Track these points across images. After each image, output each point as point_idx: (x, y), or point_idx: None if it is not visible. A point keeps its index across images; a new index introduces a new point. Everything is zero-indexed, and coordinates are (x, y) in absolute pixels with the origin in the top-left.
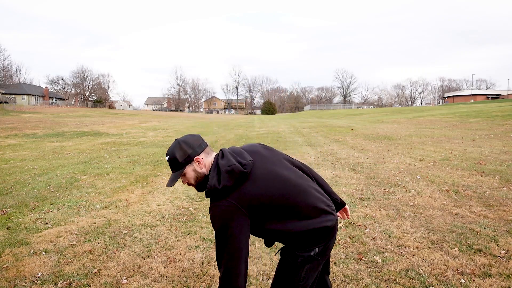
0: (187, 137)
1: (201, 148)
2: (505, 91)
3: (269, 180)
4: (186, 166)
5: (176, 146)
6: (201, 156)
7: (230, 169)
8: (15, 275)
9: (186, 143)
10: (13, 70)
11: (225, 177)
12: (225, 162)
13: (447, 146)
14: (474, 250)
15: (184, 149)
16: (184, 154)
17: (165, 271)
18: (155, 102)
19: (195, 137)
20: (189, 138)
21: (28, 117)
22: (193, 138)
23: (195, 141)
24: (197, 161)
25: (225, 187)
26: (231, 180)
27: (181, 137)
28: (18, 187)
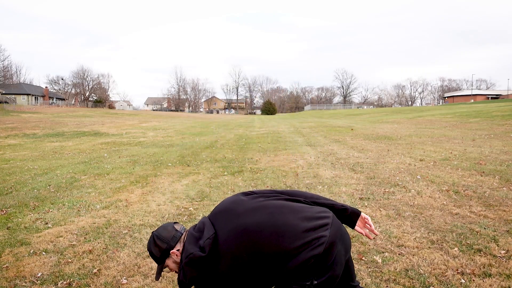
0: (160, 231)
1: (176, 240)
2: (505, 91)
3: (236, 240)
4: (166, 259)
5: (151, 242)
6: (176, 248)
7: (188, 261)
8: (15, 275)
9: (159, 239)
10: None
11: (187, 270)
12: (184, 254)
13: (447, 146)
14: (474, 250)
15: (159, 245)
16: (159, 250)
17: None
18: (155, 102)
19: (168, 229)
20: (162, 231)
21: (28, 117)
22: (166, 230)
23: (167, 234)
24: (174, 254)
25: (192, 278)
26: (193, 271)
27: (155, 231)
28: (18, 187)
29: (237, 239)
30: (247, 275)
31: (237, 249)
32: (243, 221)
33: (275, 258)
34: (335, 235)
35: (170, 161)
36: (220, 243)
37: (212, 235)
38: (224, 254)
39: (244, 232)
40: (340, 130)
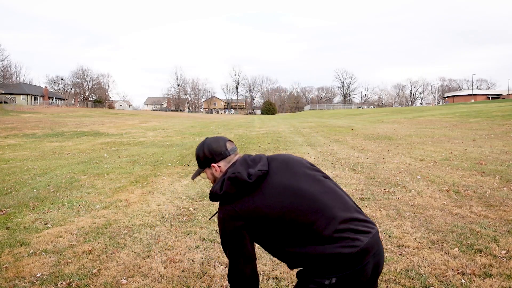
0: (212, 141)
1: (221, 157)
2: (506, 91)
3: (281, 194)
4: (206, 168)
5: (200, 147)
6: (218, 164)
7: (233, 177)
8: (14, 275)
9: (208, 148)
10: (13, 70)
11: (227, 184)
12: (232, 170)
13: (448, 146)
14: (474, 250)
15: (206, 154)
16: (203, 157)
17: (165, 271)
18: (155, 102)
19: (220, 144)
20: (214, 143)
21: (27, 117)
22: (218, 144)
23: (217, 148)
24: (214, 168)
25: (226, 194)
26: (233, 188)
27: (209, 138)
28: (18, 187)
29: (284, 193)
30: (272, 231)
31: (277, 200)
32: (296, 181)
33: (303, 232)
34: (372, 246)
35: (170, 161)
36: (266, 183)
37: (264, 171)
38: (264, 195)
39: (293, 190)
40: (340, 130)
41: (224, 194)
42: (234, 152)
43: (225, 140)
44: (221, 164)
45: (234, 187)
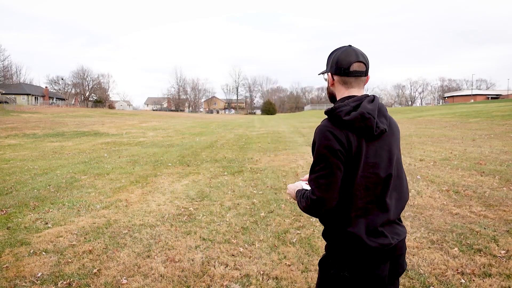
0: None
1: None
2: (505, 91)
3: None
4: (330, 73)
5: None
6: (338, 79)
7: (367, 117)
8: (15, 275)
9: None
10: (13, 70)
11: (357, 117)
12: (371, 109)
13: (447, 146)
14: (474, 250)
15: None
16: (330, 62)
17: (165, 271)
18: (155, 102)
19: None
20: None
21: (28, 117)
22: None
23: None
24: (331, 78)
25: (347, 122)
26: (357, 122)
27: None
28: (18, 187)
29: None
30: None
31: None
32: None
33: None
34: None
35: (170, 161)
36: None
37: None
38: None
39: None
40: None
41: (344, 122)
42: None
43: (356, 59)
44: (336, 79)
45: (358, 124)
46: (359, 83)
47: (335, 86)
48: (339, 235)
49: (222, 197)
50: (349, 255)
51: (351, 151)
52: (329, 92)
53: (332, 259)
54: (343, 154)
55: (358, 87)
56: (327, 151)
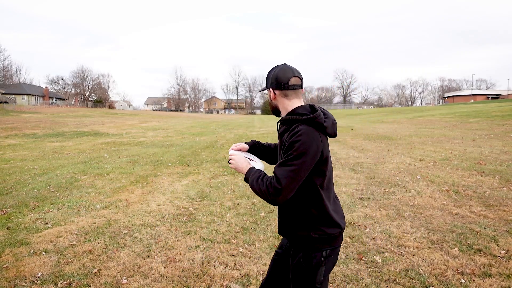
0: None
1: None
2: (505, 91)
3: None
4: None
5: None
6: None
7: (335, 123)
8: (15, 275)
9: (282, 73)
10: (13, 70)
11: (329, 125)
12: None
13: (447, 146)
14: (474, 250)
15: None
16: (270, 79)
17: (165, 271)
18: (155, 102)
19: (297, 82)
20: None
21: (28, 117)
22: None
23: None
24: (272, 92)
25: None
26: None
27: (291, 66)
28: (18, 187)
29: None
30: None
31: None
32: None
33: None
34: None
35: (170, 161)
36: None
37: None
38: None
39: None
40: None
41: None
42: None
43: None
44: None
45: (331, 130)
46: (298, 94)
47: (277, 99)
48: (319, 224)
49: (222, 197)
50: (330, 238)
51: (323, 152)
52: (272, 105)
53: (314, 249)
54: (318, 156)
55: (298, 98)
56: (310, 152)
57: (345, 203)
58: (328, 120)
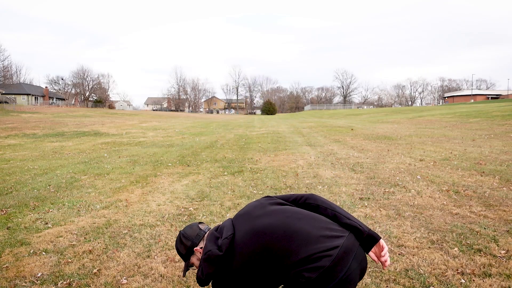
0: (185, 230)
1: (199, 238)
2: (505, 91)
3: (250, 242)
4: (191, 257)
5: (178, 240)
6: (200, 246)
7: (206, 257)
8: (15, 275)
9: (185, 237)
10: (13, 70)
11: (205, 266)
12: (204, 250)
13: (447, 146)
14: (474, 250)
15: (184, 243)
16: (185, 248)
17: (165, 271)
18: (155, 102)
19: (193, 228)
20: (187, 230)
21: (28, 117)
22: (191, 229)
23: (192, 232)
24: (198, 251)
25: (208, 275)
26: (211, 267)
27: (182, 230)
28: (18, 187)
29: (251, 240)
30: (258, 275)
31: (249, 249)
32: (258, 223)
33: (283, 261)
34: (348, 250)
35: (170, 161)
36: (236, 243)
37: (230, 235)
38: (238, 253)
39: (257, 233)
40: (340, 130)
41: (207, 276)
42: (208, 229)
43: (196, 223)
44: (202, 245)
45: (212, 266)
46: None
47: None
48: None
49: (222, 197)
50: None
51: None
52: None
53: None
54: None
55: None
56: None
57: (345, 203)
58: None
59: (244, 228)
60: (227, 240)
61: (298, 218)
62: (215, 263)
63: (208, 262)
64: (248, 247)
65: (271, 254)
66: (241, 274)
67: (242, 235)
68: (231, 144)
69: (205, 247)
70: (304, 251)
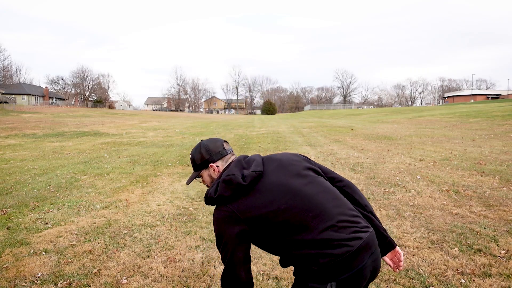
0: (209, 142)
1: (219, 156)
2: (505, 91)
3: (276, 193)
4: (203, 169)
5: (196, 148)
6: (216, 164)
7: (227, 179)
8: (15, 275)
9: (206, 148)
10: (13, 70)
11: (222, 187)
12: (226, 172)
13: (447, 146)
14: (474, 250)
15: (202, 154)
16: (201, 158)
17: (165, 271)
18: (155, 102)
19: (217, 144)
20: (210, 143)
21: (28, 117)
22: (215, 144)
23: (215, 148)
24: (212, 168)
25: (221, 197)
26: (227, 190)
27: (205, 140)
28: (18, 187)
29: (278, 193)
30: (265, 229)
31: (272, 199)
32: (293, 182)
33: (300, 233)
34: (369, 247)
35: (170, 161)
36: (261, 184)
37: (259, 171)
38: (258, 196)
39: (288, 191)
40: (340, 130)
41: (219, 197)
42: (231, 152)
43: (222, 141)
44: (219, 164)
45: (229, 190)
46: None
47: (221, 170)
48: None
49: None
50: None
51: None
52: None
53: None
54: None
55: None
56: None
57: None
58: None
59: (276, 176)
60: (255, 174)
61: (332, 198)
62: (234, 189)
63: (227, 184)
64: (271, 197)
65: (292, 219)
66: (253, 220)
67: (270, 181)
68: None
69: (230, 170)
70: (327, 233)
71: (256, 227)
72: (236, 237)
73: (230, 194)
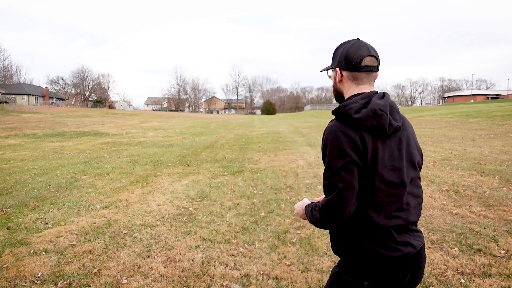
0: (352, 46)
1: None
2: (505, 91)
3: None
4: (335, 68)
5: (341, 44)
6: (342, 73)
7: (379, 114)
8: (15, 275)
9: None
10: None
11: (369, 116)
12: (382, 105)
13: (447, 146)
14: (474, 250)
15: (338, 53)
16: (334, 55)
17: (165, 271)
18: (155, 102)
19: (358, 52)
20: (352, 48)
21: (28, 117)
22: (357, 52)
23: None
24: (337, 73)
25: (358, 121)
26: (369, 121)
27: (355, 42)
28: (18, 187)
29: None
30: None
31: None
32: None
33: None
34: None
35: (170, 161)
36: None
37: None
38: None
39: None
40: None
41: (354, 120)
42: (367, 73)
43: (367, 53)
44: (345, 75)
45: (370, 122)
46: (370, 79)
47: (344, 82)
48: (359, 246)
49: (222, 197)
50: (371, 266)
51: (366, 154)
52: (336, 90)
53: (350, 273)
54: (358, 156)
55: (369, 84)
56: (341, 153)
57: None
58: (367, 110)
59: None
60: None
61: (414, 197)
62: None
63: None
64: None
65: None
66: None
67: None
68: (231, 144)
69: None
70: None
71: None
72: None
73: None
